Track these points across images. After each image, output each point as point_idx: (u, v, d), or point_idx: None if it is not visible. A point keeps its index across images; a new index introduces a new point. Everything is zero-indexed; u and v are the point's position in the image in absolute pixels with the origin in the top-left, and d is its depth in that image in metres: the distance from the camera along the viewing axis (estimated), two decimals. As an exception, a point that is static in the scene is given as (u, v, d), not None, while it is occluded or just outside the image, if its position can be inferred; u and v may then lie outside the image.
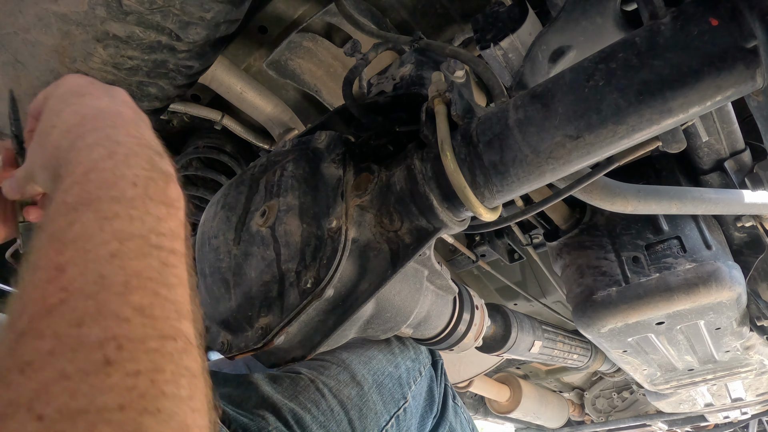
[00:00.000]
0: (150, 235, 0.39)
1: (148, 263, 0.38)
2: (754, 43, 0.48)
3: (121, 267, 0.36)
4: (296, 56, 1.10)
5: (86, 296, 0.34)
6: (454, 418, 1.02)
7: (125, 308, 0.34)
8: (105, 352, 0.31)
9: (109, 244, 0.37)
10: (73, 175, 0.42)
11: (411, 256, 0.69)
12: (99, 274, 0.35)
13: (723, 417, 2.11)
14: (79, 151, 0.44)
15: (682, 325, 1.14)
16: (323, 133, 0.82)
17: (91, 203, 0.39)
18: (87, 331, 0.32)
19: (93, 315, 0.33)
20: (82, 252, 0.36)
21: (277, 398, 0.76)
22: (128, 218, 0.39)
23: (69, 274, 0.35)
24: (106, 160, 0.42)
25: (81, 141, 0.45)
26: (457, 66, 0.74)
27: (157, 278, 0.37)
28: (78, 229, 0.37)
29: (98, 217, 0.38)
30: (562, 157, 0.59)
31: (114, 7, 0.65)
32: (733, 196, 0.94)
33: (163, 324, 0.35)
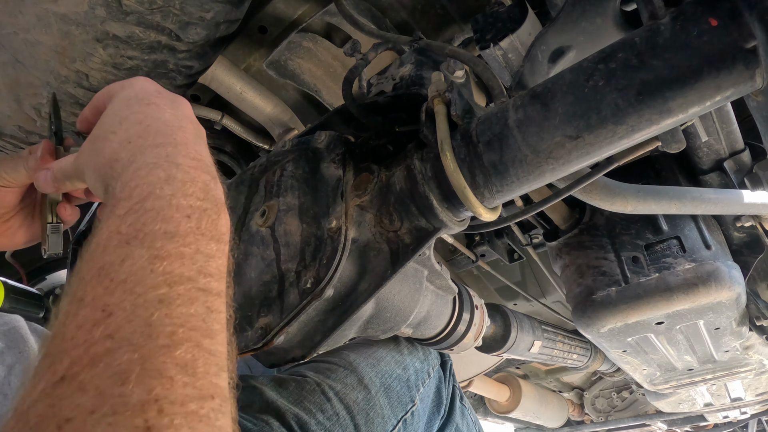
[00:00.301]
0: (198, 277, 0.38)
1: (194, 310, 0.36)
2: (754, 44, 0.48)
3: (168, 316, 0.34)
4: (296, 56, 1.10)
5: (132, 348, 0.32)
6: (461, 419, 1.01)
7: (169, 365, 0.32)
8: (146, 417, 0.29)
9: (158, 288, 0.35)
10: (130, 199, 0.40)
11: (411, 256, 0.69)
12: (146, 323, 0.33)
13: (722, 417, 2.12)
14: (137, 171, 0.42)
15: (682, 325, 1.14)
16: (323, 133, 0.82)
17: (145, 239, 0.37)
18: (130, 391, 0.30)
19: (138, 372, 0.31)
20: (132, 295, 0.34)
21: (282, 403, 0.76)
22: (179, 258, 0.37)
23: (116, 319, 0.33)
24: (164, 187, 0.41)
25: (141, 157, 0.43)
26: (457, 66, 0.74)
27: (202, 327, 0.35)
28: (128, 267, 0.36)
29: (150, 256, 0.36)
30: (562, 157, 0.59)
31: (114, 8, 0.65)
32: (732, 196, 0.94)
33: (203, 382, 0.33)
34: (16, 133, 0.84)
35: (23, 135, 0.84)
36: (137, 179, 0.41)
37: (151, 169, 0.42)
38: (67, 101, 0.78)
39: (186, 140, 0.47)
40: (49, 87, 0.75)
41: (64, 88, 0.75)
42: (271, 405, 0.75)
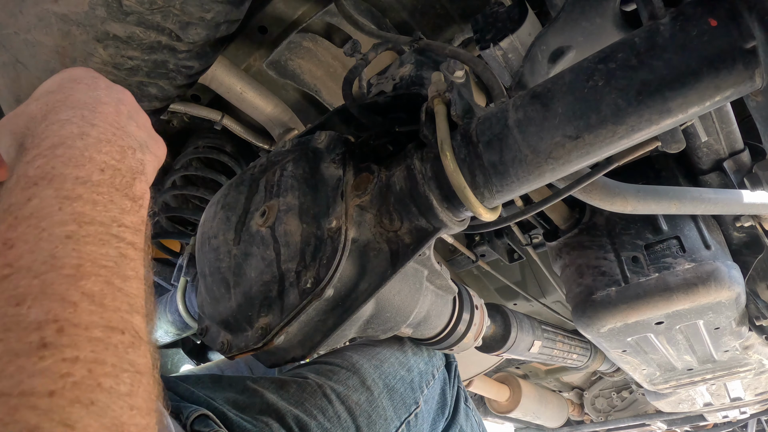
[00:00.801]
0: (112, 224, 0.38)
1: (105, 251, 0.36)
2: (753, 44, 0.48)
3: (76, 250, 0.34)
4: (296, 56, 1.10)
5: (32, 275, 0.32)
6: (465, 421, 1.01)
7: (73, 292, 0.32)
8: (42, 334, 0.29)
9: (66, 224, 0.35)
10: (38, 147, 0.40)
11: (411, 256, 0.69)
12: (50, 254, 0.33)
13: (722, 416, 2.12)
14: (49, 125, 0.42)
15: (682, 324, 1.14)
16: (323, 133, 0.82)
17: (53, 180, 0.37)
18: (26, 311, 0.30)
19: (36, 295, 0.31)
20: (36, 229, 0.34)
21: (282, 405, 0.76)
22: (91, 202, 0.38)
23: (17, 250, 0.33)
24: (76, 140, 0.41)
25: (54, 115, 0.43)
26: (457, 66, 0.74)
27: (113, 268, 0.36)
28: (35, 204, 0.36)
29: (59, 196, 0.37)
30: (562, 157, 0.59)
31: (114, 8, 0.65)
32: (732, 196, 0.94)
33: (112, 314, 0.33)
34: (17, 133, 0.84)
35: (24, 135, 0.84)
36: (48, 132, 0.41)
37: (63, 125, 0.42)
38: (68, 101, 0.77)
39: (108, 112, 0.46)
40: None
41: (65, 89, 0.75)
42: (272, 406, 0.75)
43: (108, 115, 0.46)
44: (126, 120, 0.48)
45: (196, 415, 0.68)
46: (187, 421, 0.67)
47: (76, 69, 0.52)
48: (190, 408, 0.69)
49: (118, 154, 0.43)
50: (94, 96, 0.47)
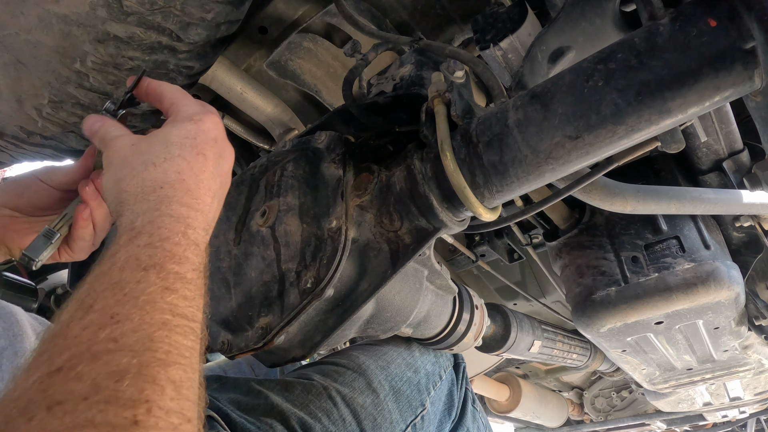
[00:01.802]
0: (192, 319, 0.43)
1: (186, 342, 0.40)
2: (752, 44, 0.48)
3: (168, 338, 0.38)
4: (296, 57, 1.10)
5: (132, 354, 0.35)
6: (471, 423, 1.00)
7: (162, 376, 0.35)
8: (135, 412, 0.32)
9: (164, 313, 0.39)
10: (151, 236, 0.45)
11: (411, 256, 0.69)
12: (149, 337, 0.37)
13: (721, 416, 2.12)
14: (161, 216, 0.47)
15: (681, 324, 1.14)
16: (323, 133, 0.82)
17: (161, 271, 0.42)
18: (125, 388, 0.33)
19: (134, 374, 0.34)
20: (141, 311, 0.38)
21: (286, 407, 0.76)
22: (183, 297, 0.43)
23: (123, 327, 0.36)
24: (181, 238, 0.46)
25: (168, 207, 0.48)
26: (457, 66, 0.74)
27: (189, 358, 0.39)
28: (143, 287, 0.40)
29: (162, 286, 0.41)
30: (562, 157, 0.59)
31: (115, 8, 0.65)
32: (731, 196, 0.94)
33: (186, 403, 0.36)
34: (18, 133, 0.84)
35: (24, 135, 0.85)
36: (160, 222, 0.47)
37: (174, 220, 0.48)
38: (68, 101, 0.78)
39: (207, 207, 0.53)
40: (50, 87, 0.75)
41: (65, 89, 0.75)
42: (276, 408, 0.75)
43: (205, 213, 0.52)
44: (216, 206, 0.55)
45: None
46: None
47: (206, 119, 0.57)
48: None
49: (201, 258, 0.49)
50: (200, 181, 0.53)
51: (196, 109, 0.58)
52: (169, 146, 0.53)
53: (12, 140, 0.85)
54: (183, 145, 0.53)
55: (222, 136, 0.58)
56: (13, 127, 0.83)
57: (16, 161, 0.94)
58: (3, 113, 0.81)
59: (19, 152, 0.89)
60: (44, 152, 0.90)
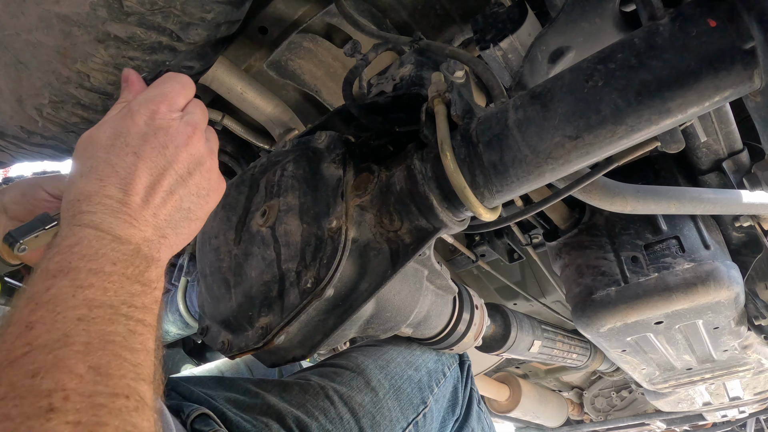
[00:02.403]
0: (121, 306, 0.43)
1: (114, 329, 0.41)
2: (752, 44, 0.48)
3: (86, 330, 0.39)
4: (296, 57, 1.10)
5: (47, 351, 0.37)
6: (477, 423, 1.00)
7: (80, 365, 0.37)
8: (51, 401, 0.34)
9: (78, 308, 0.41)
10: (59, 246, 0.46)
11: (411, 256, 0.69)
12: (64, 334, 0.38)
13: (721, 416, 2.12)
14: (73, 225, 0.48)
15: (681, 324, 1.14)
16: (323, 133, 0.82)
17: (69, 272, 0.43)
18: (39, 382, 0.35)
19: (48, 368, 0.36)
20: (52, 313, 0.40)
21: (283, 406, 0.76)
22: (102, 289, 0.43)
23: (36, 331, 0.39)
24: (92, 240, 0.46)
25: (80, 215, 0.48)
26: (457, 66, 0.74)
27: (121, 342, 0.41)
28: (53, 293, 0.41)
29: (73, 285, 0.42)
30: (562, 157, 0.59)
31: (115, 8, 0.65)
32: (731, 196, 0.94)
33: (117, 382, 0.38)
34: (18, 133, 0.84)
35: (25, 135, 0.85)
36: (68, 232, 0.47)
37: (83, 228, 0.48)
38: (69, 102, 0.78)
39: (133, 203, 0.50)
40: (51, 87, 0.75)
41: (66, 89, 0.75)
42: (273, 408, 0.75)
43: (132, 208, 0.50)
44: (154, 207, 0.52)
45: (197, 414, 0.68)
46: (188, 419, 0.67)
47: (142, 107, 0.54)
48: (191, 407, 0.69)
49: (131, 252, 0.48)
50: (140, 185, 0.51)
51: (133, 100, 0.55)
52: (96, 149, 0.51)
53: (13, 140, 0.85)
54: (112, 147, 0.51)
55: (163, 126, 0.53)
56: (13, 127, 0.83)
57: (17, 161, 0.94)
58: (4, 113, 0.81)
59: (20, 152, 0.89)
60: (45, 152, 0.90)
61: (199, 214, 0.56)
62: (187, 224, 0.55)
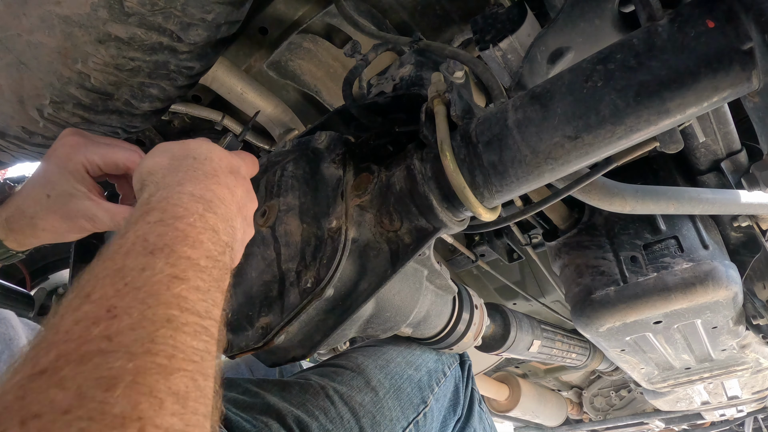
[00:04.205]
0: (205, 316, 0.36)
1: (196, 344, 0.34)
2: (750, 45, 0.48)
3: (173, 338, 0.32)
4: (296, 57, 1.10)
5: (129, 357, 0.29)
6: (478, 424, 1.00)
7: (162, 387, 0.29)
8: None
9: (170, 308, 0.34)
10: (164, 212, 0.40)
11: (411, 256, 0.69)
12: (150, 337, 0.31)
13: (719, 415, 2.13)
14: (180, 193, 0.43)
15: (680, 324, 1.15)
16: (323, 133, 0.82)
17: (170, 255, 0.37)
18: (114, 400, 0.27)
19: (128, 382, 0.28)
20: (143, 305, 0.32)
21: (283, 405, 0.76)
22: (195, 288, 0.36)
23: (120, 323, 0.31)
24: (197, 221, 0.41)
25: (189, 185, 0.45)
26: (457, 67, 0.74)
27: (199, 364, 0.33)
28: (147, 276, 0.34)
29: (171, 274, 0.36)
30: (561, 158, 0.59)
31: (116, 9, 0.65)
32: (729, 197, 0.94)
33: (192, 418, 0.30)
34: (20, 133, 0.84)
35: (26, 136, 0.85)
36: (176, 199, 0.42)
37: (193, 200, 0.43)
38: (70, 102, 0.78)
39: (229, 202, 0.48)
40: (52, 88, 0.75)
41: (67, 90, 0.75)
42: (273, 407, 0.75)
43: (225, 205, 0.47)
44: (235, 214, 0.49)
45: None
46: None
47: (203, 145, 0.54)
48: None
49: (221, 247, 0.43)
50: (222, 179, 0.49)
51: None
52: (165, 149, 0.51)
53: (14, 140, 0.85)
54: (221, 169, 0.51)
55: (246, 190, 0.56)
56: (15, 128, 0.83)
57: (18, 161, 0.94)
58: (5, 114, 0.81)
59: (21, 152, 0.90)
60: (46, 152, 0.90)
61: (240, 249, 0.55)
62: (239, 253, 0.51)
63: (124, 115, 0.84)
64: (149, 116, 0.88)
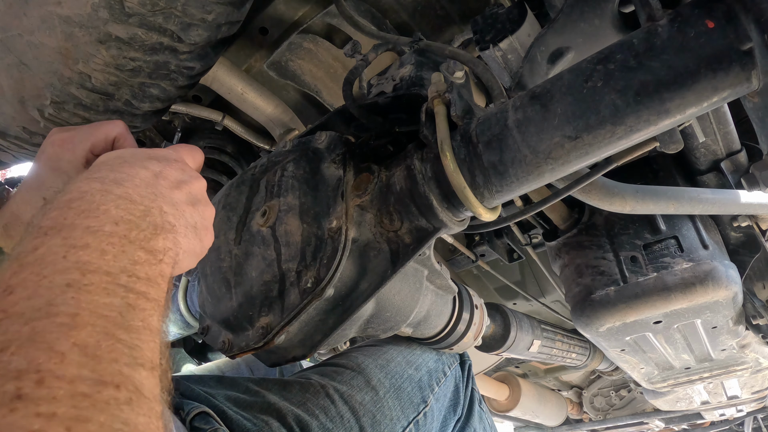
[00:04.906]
0: (121, 274, 0.37)
1: (109, 301, 0.34)
2: (750, 45, 0.49)
3: (75, 299, 0.33)
4: (297, 57, 1.10)
5: (23, 321, 0.30)
6: (479, 423, 1.00)
7: (63, 342, 0.30)
8: (19, 385, 0.27)
9: (69, 272, 0.34)
10: (59, 201, 0.40)
11: (411, 256, 0.69)
12: (47, 302, 0.32)
13: (719, 414, 2.13)
14: (75, 182, 0.43)
15: (679, 323, 1.15)
16: (323, 133, 0.82)
17: (63, 229, 0.37)
18: (8, 358, 0.28)
19: (22, 342, 0.29)
20: (37, 276, 0.33)
21: (283, 404, 0.76)
22: (99, 251, 0.37)
23: (15, 296, 0.32)
24: (96, 194, 0.41)
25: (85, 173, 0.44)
26: (457, 67, 0.74)
27: (116, 318, 0.34)
28: (41, 252, 0.35)
29: (66, 244, 0.36)
30: (561, 158, 0.59)
31: (116, 9, 0.66)
32: (729, 197, 0.95)
33: (107, 367, 0.31)
34: (20, 134, 0.84)
35: (27, 136, 0.85)
36: (72, 187, 0.42)
37: (88, 182, 0.43)
38: (70, 102, 0.78)
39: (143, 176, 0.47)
40: (53, 88, 0.75)
41: (68, 90, 0.76)
42: (273, 406, 0.75)
43: (142, 179, 0.46)
44: (169, 191, 0.48)
45: (197, 412, 0.68)
46: (187, 417, 0.67)
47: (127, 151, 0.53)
48: (191, 405, 0.70)
49: (140, 212, 0.42)
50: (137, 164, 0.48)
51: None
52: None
53: (15, 141, 0.86)
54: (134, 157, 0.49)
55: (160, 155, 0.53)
56: (16, 128, 0.83)
57: (19, 161, 0.95)
58: (6, 114, 0.81)
59: (22, 152, 0.90)
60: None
61: (203, 239, 0.53)
62: (194, 236, 0.50)
63: (124, 115, 0.84)
64: (150, 116, 0.88)
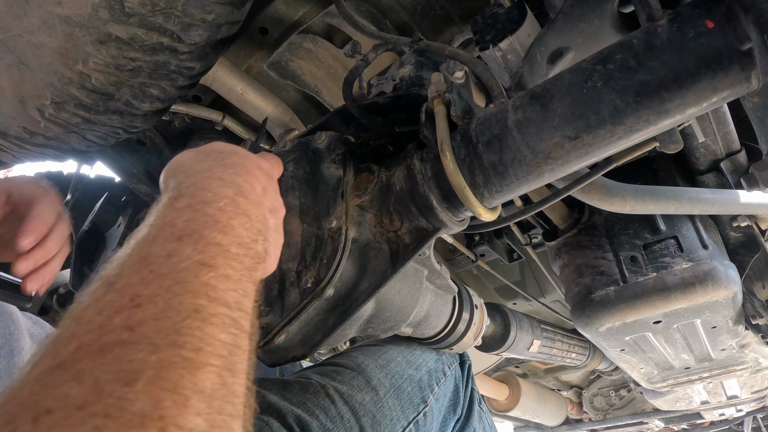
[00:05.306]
0: (234, 307, 0.33)
1: (225, 338, 0.31)
2: (749, 46, 0.49)
3: (200, 329, 0.30)
4: (297, 57, 1.10)
5: (152, 349, 0.27)
6: (478, 423, 1.00)
7: (187, 383, 0.27)
8: None
9: (198, 297, 0.31)
10: (193, 198, 0.38)
11: (411, 256, 0.69)
12: (175, 328, 0.29)
13: (719, 414, 2.13)
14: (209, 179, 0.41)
15: (679, 323, 1.15)
16: (323, 133, 0.83)
17: (199, 241, 0.34)
18: (134, 396, 0.25)
19: (150, 377, 0.26)
20: (168, 293, 0.30)
21: (283, 404, 0.76)
22: (224, 277, 0.34)
23: (143, 312, 0.29)
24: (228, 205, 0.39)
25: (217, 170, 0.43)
26: (457, 67, 0.74)
27: (226, 359, 0.30)
28: (173, 264, 0.32)
29: (199, 261, 0.33)
30: (561, 158, 0.59)
31: (117, 10, 0.66)
32: (729, 197, 0.95)
33: (218, 418, 0.28)
34: (21, 134, 0.84)
35: (27, 136, 0.85)
36: (205, 184, 0.40)
37: (223, 185, 0.41)
38: (70, 102, 0.78)
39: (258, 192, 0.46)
40: (53, 88, 0.75)
41: (68, 90, 0.76)
42: (273, 406, 0.75)
43: (258, 194, 0.45)
44: (268, 210, 0.48)
45: None
46: None
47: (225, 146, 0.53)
48: None
49: (254, 234, 0.40)
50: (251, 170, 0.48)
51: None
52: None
53: (15, 141, 0.86)
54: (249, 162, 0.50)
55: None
56: (16, 128, 0.83)
57: (19, 161, 0.95)
58: (6, 114, 0.81)
59: (22, 153, 0.90)
60: (46, 152, 0.90)
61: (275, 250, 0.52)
62: (274, 261, 0.48)
63: (124, 116, 0.84)
64: (150, 116, 0.88)
